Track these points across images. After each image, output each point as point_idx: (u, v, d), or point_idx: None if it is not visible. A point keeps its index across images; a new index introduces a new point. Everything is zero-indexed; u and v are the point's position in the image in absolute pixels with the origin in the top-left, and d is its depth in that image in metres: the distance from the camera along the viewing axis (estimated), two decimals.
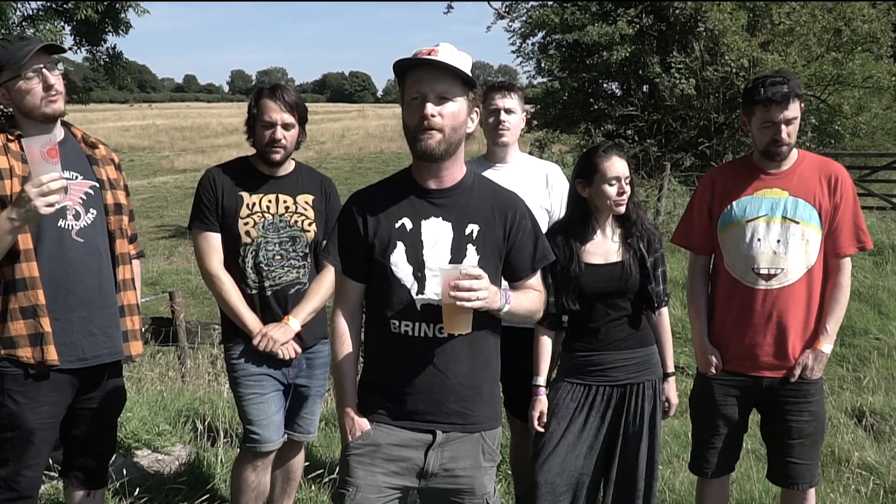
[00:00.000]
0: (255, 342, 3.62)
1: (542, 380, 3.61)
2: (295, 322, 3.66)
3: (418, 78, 2.60)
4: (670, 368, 3.63)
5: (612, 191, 3.44)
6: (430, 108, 2.56)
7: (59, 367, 3.14)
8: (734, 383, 3.63)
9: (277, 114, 3.58)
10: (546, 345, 3.62)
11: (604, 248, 3.51)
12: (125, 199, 3.42)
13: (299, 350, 3.70)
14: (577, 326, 3.58)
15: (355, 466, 2.72)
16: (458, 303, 2.49)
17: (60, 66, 3.23)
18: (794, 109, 3.42)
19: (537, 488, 3.49)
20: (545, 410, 3.55)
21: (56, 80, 3.13)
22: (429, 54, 2.58)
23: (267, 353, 3.63)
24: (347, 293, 2.79)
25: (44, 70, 3.10)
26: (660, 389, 3.56)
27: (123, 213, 3.39)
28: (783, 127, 3.42)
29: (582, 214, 3.53)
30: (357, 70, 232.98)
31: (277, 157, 3.62)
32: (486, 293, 2.53)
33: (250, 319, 3.65)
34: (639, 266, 3.48)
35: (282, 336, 3.64)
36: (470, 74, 2.60)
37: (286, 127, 3.61)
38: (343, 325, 2.78)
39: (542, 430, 3.54)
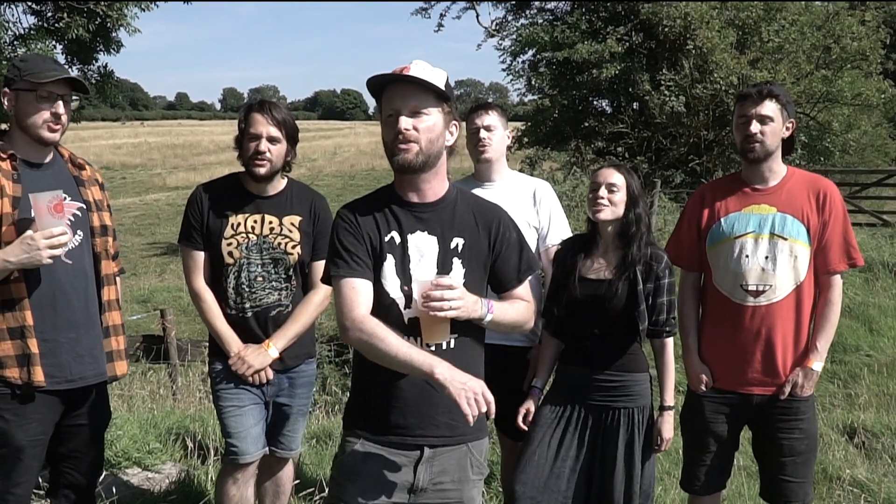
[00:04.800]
0: (230, 363, 3.64)
1: (537, 381, 3.70)
2: (274, 350, 3.66)
3: (391, 95, 2.63)
4: (667, 402, 3.51)
5: (592, 195, 3.50)
6: (404, 122, 2.58)
7: (47, 388, 3.13)
8: (724, 401, 3.62)
9: (264, 126, 3.57)
10: (546, 348, 3.67)
11: (600, 264, 3.51)
12: (110, 220, 3.44)
13: (270, 375, 3.71)
14: (567, 339, 3.60)
15: (346, 484, 2.72)
16: (431, 313, 2.51)
17: (76, 101, 3.26)
18: (769, 108, 3.47)
19: (515, 499, 3.48)
20: (531, 409, 3.61)
21: (66, 112, 3.16)
22: (401, 72, 2.61)
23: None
24: (364, 296, 2.63)
25: (58, 98, 3.12)
26: (640, 420, 3.48)
27: (109, 235, 3.39)
28: (754, 122, 3.46)
29: (592, 228, 3.58)
30: (348, 88, 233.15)
31: (261, 171, 3.59)
32: (461, 302, 2.53)
33: (230, 339, 3.66)
34: (627, 290, 3.43)
35: (257, 362, 3.64)
36: (442, 88, 2.62)
37: (272, 140, 3.58)
38: (373, 323, 2.57)
39: (524, 427, 3.59)
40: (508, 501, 3.56)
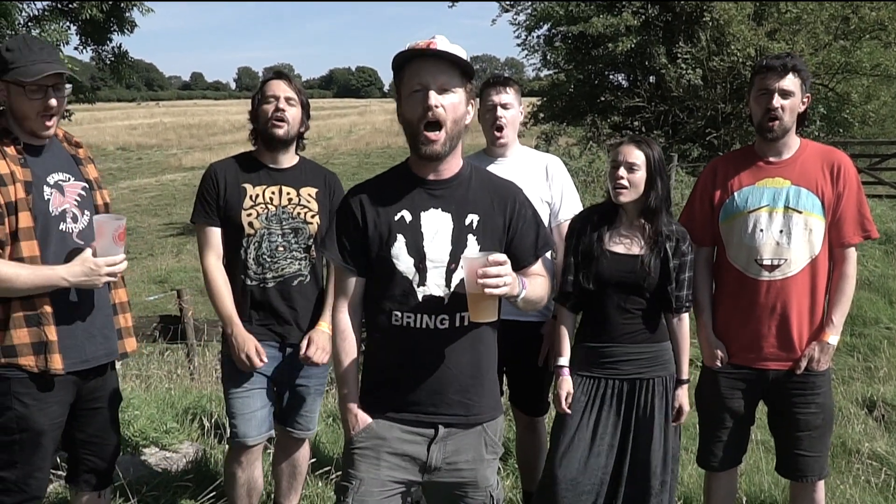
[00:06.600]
0: (311, 352, 3.67)
1: (564, 360, 3.58)
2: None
3: (419, 69, 2.56)
4: (684, 375, 3.54)
5: (612, 174, 3.45)
6: (434, 98, 2.52)
7: (64, 372, 3.12)
8: (740, 376, 3.60)
9: (280, 89, 3.64)
10: (567, 325, 3.61)
11: (628, 239, 3.49)
12: (108, 198, 3.43)
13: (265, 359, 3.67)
14: (590, 316, 3.57)
15: (359, 460, 2.73)
16: (487, 290, 2.46)
17: (68, 87, 3.22)
18: (791, 82, 3.39)
19: (557, 483, 3.46)
20: (571, 391, 3.52)
21: (57, 104, 3.09)
22: (426, 46, 2.55)
23: (254, 351, 3.62)
24: (348, 287, 2.77)
25: (49, 90, 3.06)
26: (671, 387, 3.51)
27: (110, 212, 3.37)
28: (776, 97, 3.39)
29: (612, 202, 3.52)
30: (363, 65, 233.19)
31: (280, 131, 3.62)
32: (511, 279, 2.51)
33: (235, 322, 3.63)
34: (660, 266, 3.43)
35: (328, 346, 3.65)
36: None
37: (289, 101, 3.64)
38: (345, 322, 2.78)
39: (569, 411, 3.50)
40: (547, 484, 3.53)
